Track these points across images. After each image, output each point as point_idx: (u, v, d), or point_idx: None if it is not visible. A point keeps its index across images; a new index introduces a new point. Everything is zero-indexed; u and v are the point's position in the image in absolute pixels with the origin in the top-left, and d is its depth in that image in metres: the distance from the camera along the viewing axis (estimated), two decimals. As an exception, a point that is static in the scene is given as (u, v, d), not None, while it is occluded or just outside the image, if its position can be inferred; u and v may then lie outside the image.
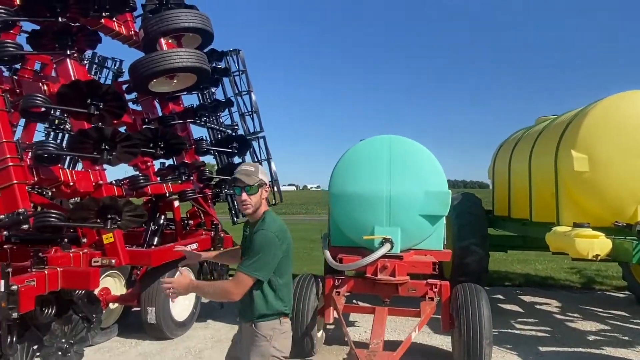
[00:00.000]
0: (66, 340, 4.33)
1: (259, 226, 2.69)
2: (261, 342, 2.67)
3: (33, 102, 4.38)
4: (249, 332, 2.72)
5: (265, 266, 2.61)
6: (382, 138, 5.45)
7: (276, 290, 2.72)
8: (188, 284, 2.64)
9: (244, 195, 2.67)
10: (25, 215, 4.06)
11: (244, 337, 2.78)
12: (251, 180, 2.66)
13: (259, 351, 2.66)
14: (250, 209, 2.70)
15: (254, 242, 2.63)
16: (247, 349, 2.71)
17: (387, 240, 5.07)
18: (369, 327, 6.22)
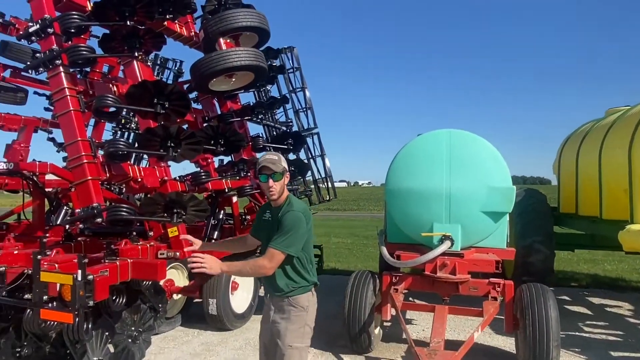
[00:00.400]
0: (135, 328, 4.55)
1: (287, 207, 2.93)
2: (299, 312, 2.95)
3: (105, 102, 4.62)
4: (284, 305, 2.96)
5: (296, 242, 2.85)
6: (441, 132, 5.31)
7: (305, 265, 3.00)
8: (218, 265, 2.81)
9: (271, 182, 2.91)
10: (99, 209, 4.30)
11: (277, 312, 2.99)
12: (277, 167, 2.91)
13: (296, 321, 2.93)
14: (276, 195, 2.95)
15: (283, 221, 2.85)
16: (283, 320, 2.94)
17: (447, 238, 4.95)
18: (428, 325, 6.13)
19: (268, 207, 3.13)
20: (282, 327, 2.94)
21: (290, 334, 2.92)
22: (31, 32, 4.60)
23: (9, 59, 7.72)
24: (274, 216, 2.99)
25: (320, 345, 5.48)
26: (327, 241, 14.90)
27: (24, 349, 3.95)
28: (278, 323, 2.97)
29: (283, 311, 2.97)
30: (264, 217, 3.13)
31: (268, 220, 3.06)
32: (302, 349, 2.95)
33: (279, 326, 2.96)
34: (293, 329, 2.93)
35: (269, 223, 3.04)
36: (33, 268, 3.69)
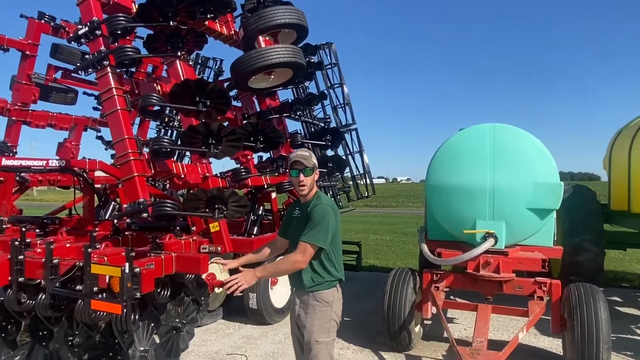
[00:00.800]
0: (179, 320, 4.68)
1: (316, 201, 3.00)
2: (323, 307, 2.96)
3: (150, 101, 4.76)
4: (309, 300, 2.98)
5: (326, 235, 2.89)
6: (485, 127, 5.16)
7: (332, 260, 3.01)
8: (253, 275, 2.92)
9: (302, 177, 2.97)
10: (144, 205, 4.44)
11: (303, 306, 3.02)
12: (308, 163, 2.98)
13: (321, 316, 2.95)
14: (306, 190, 3.01)
15: (313, 215, 2.91)
16: (308, 315, 2.97)
17: (491, 235, 4.82)
18: (470, 324, 6.00)
19: (297, 204, 3.20)
20: (308, 323, 2.97)
21: (316, 330, 2.95)
22: (80, 34, 4.79)
23: (60, 61, 8.10)
24: (303, 212, 3.05)
25: (360, 342, 5.47)
26: (366, 238, 14.84)
27: (75, 338, 4.13)
28: (303, 318, 3.01)
29: (307, 306, 3.00)
30: (293, 214, 3.19)
31: (297, 217, 3.12)
32: (328, 343, 2.98)
33: (305, 321, 2.99)
34: (318, 324, 2.95)
35: (298, 219, 3.09)
36: (84, 261, 3.86)
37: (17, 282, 4.18)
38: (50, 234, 5.59)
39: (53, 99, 8.32)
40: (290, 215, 3.24)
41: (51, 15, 7.60)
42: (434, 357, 5.11)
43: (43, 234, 5.61)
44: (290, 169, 3.04)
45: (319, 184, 7.80)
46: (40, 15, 7.47)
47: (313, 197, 3.06)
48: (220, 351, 5.27)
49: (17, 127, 7.71)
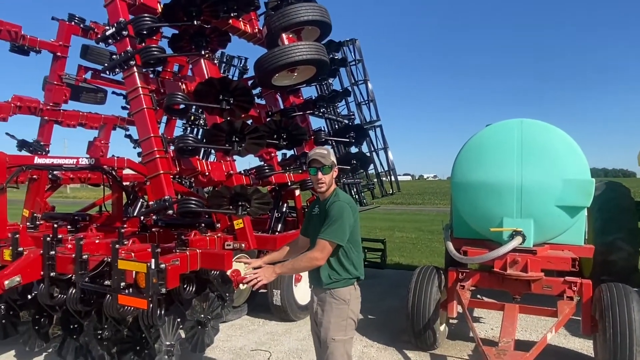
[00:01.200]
0: (204, 315, 4.75)
1: (334, 199, 3.01)
2: (340, 305, 2.96)
3: (175, 99, 4.83)
4: (326, 298, 2.99)
5: (344, 232, 2.89)
6: (512, 122, 5.04)
7: (350, 257, 3.01)
8: (272, 271, 2.91)
9: (320, 175, 3.00)
10: (170, 202, 4.51)
11: (320, 304, 3.04)
12: (326, 161, 3.00)
13: (338, 314, 2.95)
14: (324, 187, 3.03)
15: (330, 212, 2.93)
16: (325, 313, 2.98)
17: (518, 233, 4.71)
18: (496, 324, 5.89)
19: (317, 203, 3.23)
20: (324, 320, 2.98)
21: (333, 327, 2.94)
22: (108, 35, 4.89)
23: (89, 61, 8.31)
24: (322, 209, 3.07)
25: (384, 340, 5.44)
26: (391, 235, 14.74)
27: (104, 332, 4.25)
28: (320, 315, 3.03)
29: (324, 303, 3.01)
30: (313, 212, 3.21)
31: (317, 215, 3.13)
32: (345, 341, 2.97)
33: (321, 318, 3.01)
34: (335, 321, 2.95)
35: (318, 217, 3.11)
36: (112, 256, 3.95)
37: (49, 276, 4.31)
38: (80, 230, 5.75)
39: (83, 98, 8.55)
40: (311, 213, 3.26)
41: (81, 17, 7.80)
42: (459, 356, 5.03)
43: (74, 230, 5.78)
44: (309, 167, 3.07)
45: (342, 181, 7.82)
46: (70, 17, 7.68)
47: (331, 194, 3.07)
48: (245, 347, 5.32)
49: (49, 126, 7.95)
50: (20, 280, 4.23)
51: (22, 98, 7.67)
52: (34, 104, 7.70)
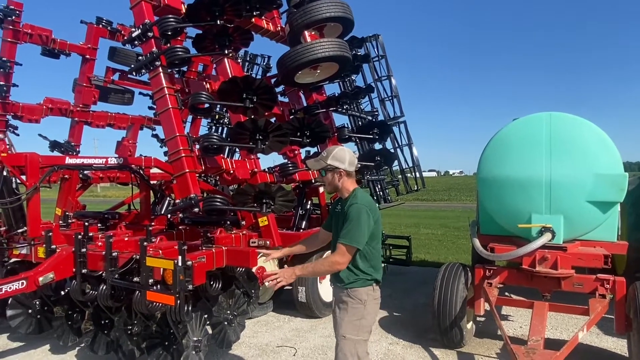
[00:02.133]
0: (231, 312, 4.82)
1: (352, 200, 3.00)
2: (356, 304, 2.96)
3: (199, 99, 4.89)
4: (344, 297, 3.00)
5: (362, 235, 2.88)
6: (540, 115, 4.91)
7: (369, 259, 3.00)
8: (292, 273, 2.92)
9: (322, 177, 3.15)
10: (196, 200, 4.58)
11: (338, 302, 3.07)
12: (317, 165, 3.11)
13: (353, 312, 2.95)
14: (328, 188, 3.18)
15: (349, 215, 2.92)
16: (341, 311, 3.01)
17: (548, 230, 4.59)
18: (525, 322, 5.78)
19: (340, 201, 3.23)
20: (339, 317, 3.02)
21: (346, 325, 2.96)
22: (134, 37, 4.99)
23: (117, 63, 8.51)
24: (343, 209, 3.08)
25: (410, 338, 5.40)
26: (416, 232, 14.61)
27: (134, 327, 4.35)
28: (337, 313, 3.06)
29: (342, 302, 3.03)
30: (336, 210, 3.22)
31: (339, 212, 3.14)
32: (356, 342, 2.94)
33: (337, 316, 3.05)
34: (348, 320, 2.96)
35: (339, 215, 3.12)
36: (140, 253, 4.04)
37: (81, 273, 4.45)
38: (110, 228, 5.90)
39: (111, 99, 8.76)
40: (334, 210, 3.27)
41: (108, 19, 7.98)
42: (486, 355, 4.95)
43: (104, 228, 5.93)
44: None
45: (367, 178, 7.78)
46: (98, 20, 7.86)
47: (351, 195, 3.08)
48: (271, 343, 5.37)
49: (79, 127, 8.17)
50: (54, 276, 4.38)
51: (53, 100, 7.91)
52: (65, 105, 7.93)
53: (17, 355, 4.92)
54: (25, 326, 4.98)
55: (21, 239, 4.94)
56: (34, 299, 4.98)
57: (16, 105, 7.51)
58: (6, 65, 7.20)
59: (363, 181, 7.76)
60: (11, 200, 4.75)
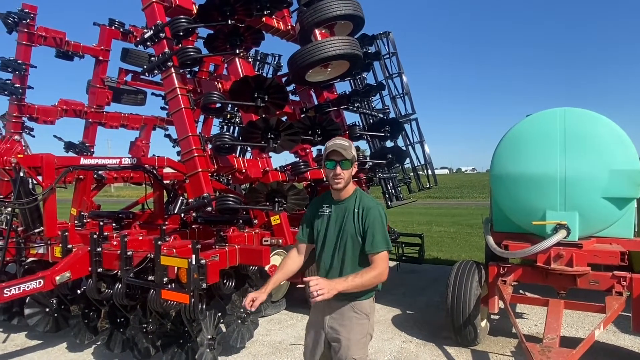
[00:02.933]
0: (244, 310, 4.85)
1: (368, 203, 2.62)
2: (362, 320, 2.62)
3: (211, 98, 4.93)
4: (346, 311, 2.61)
5: (389, 237, 2.62)
6: (554, 111, 4.85)
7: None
8: (333, 287, 2.37)
9: (338, 169, 2.57)
10: (209, 199, 4.62)
11: (336, 317, 2.62)
12: (347, 154, 2.57)
13: (359, 330, 2.61)
14: (342, 184, 2.59)
15: (372, 218, 2.56)
16: (344, 328, 2.60)
17: (562, 226, 4.54)
18: (540, 320, 5.72)
19: (326, 202, 2.74)
20: (343, 337, 2.59)
21: (354, 346, 2.58)
22: (146, 38, 5.04)
23: (129, 64, 8.61)
24: (340, 211, 2.65)
25: (423, 336, 5.38)
26: (429, 230, 14.53)
27: (149, 325, 4.40)
28: (338, 331, 2.62)
29: (343, 317, 2.61)
30: (320, 213, 2.73)
31: (328, 216, 2.69)
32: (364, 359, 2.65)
33: (339, 335, 2.61)
34: (356, 339, 2.59)
35: (331, 219, 2.67)
36: (154, 252, 4.09)
37: (97, 272, 4.51)
38: (125, 227, 5.97)
39: (124, 100, 8.87)
40: (315, 214, 2.76)
41: (120, 21, 8.06)
42: (501, 353, 4.92)
43: (118, 227, 6.00)
44: (326, 160, 2.61)
45: (378, 176, 7.76)
46: (110, 22, 7.95)
47: (352, 194, 2.67)
48: (284, 341, 5.39)
49: (93, 128, 8.29)
50: (70, 275, 4.44)
51: (67, 102, 8.03)
52: (79, 107, 8.05)
53: (36, 353, 5.01)
54: (43, 324, 5.07)
55: (38, 239, 5.02)
56: (51, 298, 5.07)
57: (32, 107, 7.65)
58: (21, 68, 7.33)
59: (375, 179, 7.75)
60: (28, 201, 4.83)
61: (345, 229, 2.62)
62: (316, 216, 2.76)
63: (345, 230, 2.61)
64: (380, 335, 5.38)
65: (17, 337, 5.46)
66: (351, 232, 2.60)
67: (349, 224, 2.61)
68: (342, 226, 2.63)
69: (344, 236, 2.62)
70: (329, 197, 2.75)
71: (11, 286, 4.10)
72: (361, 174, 7.27)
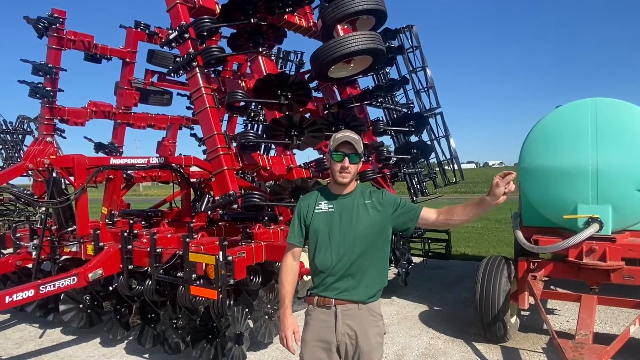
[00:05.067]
0: (271, 306, 4.89)
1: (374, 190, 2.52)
2: (378, 322, 2.48)
3: (235, 97, 4.98)
4: (362, 315, 2.42)
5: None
6: (584, 102, 4.71)
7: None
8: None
9: (347, 162, 2.39)
10: (235, 196, 4.67)
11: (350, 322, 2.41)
12: (358, 148, 2.41)
13: (377, 332, 2.47)
14: (348, 178, 2.42)
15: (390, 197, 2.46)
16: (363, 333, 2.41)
17: (595, 220, 4.41)
18: (572, 316, 5.59)
19: (322, 198, 2.51)
20: (363, 343, 2.40)
21: (375, 349, 2.43)
22: (171, 39, 5.13)
23: (155, 65, 8.77)
24: (346, 206, 2.44)
25: (451, 332, 5.32)
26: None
27: (179, 321, 4.49)
28: (353, 336, 2.40)
29: (359, 322, 2.41)
30: (318, 210, 2.48)
31: (331, 213, 2.45)
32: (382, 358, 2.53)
33: (358, 340, 2.40)
34: (375, 341, 2.44)
35: (334, 215, 2.44)
36: (183, 249, 4.16)
37: (128, 269, 4.62)
38: (153, 225, 6.10)
39: (151, 101, 9.05)
40: (312, 212, 2.50)
41: (146, 23, 8.21)
42: (532, 349, 4.82)
43: (148, 225, 6.13)
44: (334, 151, 2.42)
45: (403, 171, 7.69)
46: (136, 24, 8.11)
47: (355, 189, 2.51)
48: (311, 337, 5.41)
49: (122, 129, 8.48)
50: (102, 273, 4.57)
51: (97, 103, 8.24)
52: (108, 108, 8.24)
53: (71, 347, 5.17)
54: (77, 320, 5.23)
55: (71, 237, 5.18)
56: (85, 295, 5.22)
57: (62, 109, 7.87)
58: (52, 72, 7.55)
59: (400, 174, 7.69)
60: (61, 200, 4.97)
61: (359, 223, 2.40)
62: (312, 215, 2.49)
63: (361, 224, 2.40)
64: (407, 332, 5.35)
65: (53, 332, 5.65)
66: (369, 224, 2.40)
67: (362, 217, 2.41)
68: (352, 221, 2.41)
69: (359, 230, 2.39)
70: (325, 192, 2.54)
71: (46, 283, 4.24)
72: (386, 170, 7.22)
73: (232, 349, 4.10)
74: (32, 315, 5.86)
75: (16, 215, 12.84)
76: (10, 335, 5.60)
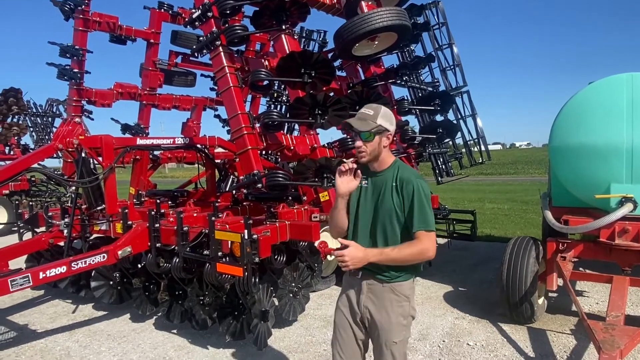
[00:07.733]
0: (295, 284, 4.94)
1: (408, 175, 2.35)
2: (402, 302, 2.43)
3: (258, 76, 4.96)
4: (385, 293, 2.41)
5: (431, 215, 2.34)
6: (620, 77, 4.51)
7: None
8: (364, 257, 2.24)
9: (359, 142, 2.33)
10: (259, 176, 4.69)
11: (373, 299, 2.43)
12: (365, 125, 2.30)
13: (400, 312, 2.42)
14: (366, 157, 2.34)
15: (415, 195, 2.30)
16: (383, 310, 2.42)
17: (629, 200, 4.26)
18: (602, 298, 5.47)
19: (364, 173, 2.44)
20: (383, 320, 2.41)
21: (395, 329, 2.41)
22: (194, 18, 5.11)
23: (179, 46, 8.79)
24: (377, 185, 2.41)
25: (476, 313, 5.27)
26: (481, 207, 14.13)
27: (205, 298, 4.57)
28: (376, 314, 2.43)
29: (382, 299, 2.42)
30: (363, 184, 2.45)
31: (365, 189, 2.43)
32: (405, 341, 2.50)
33: (378, 318, 2.43)
34: (397, 322, 2.41)
35: (367, 192, 2.43)
36: (209, 228, 4.21)
37: (155, 247, 4.71)
38: (180, 205, 6.19)
39: (175, 82, 9.11)
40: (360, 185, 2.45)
41: (169, 3, 8.22)
42: (559, 331, 4.74)
43: (174, 205, 6.23)
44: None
45: (428, 151, 7.58)
46: (160, 5, 8.12)
47: (390, 166, 2.41)
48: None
49: (147, 110, 8.58)
50: (131, 250, 4.67)
51: (123, 85, 8.34)
52: (134, 89, 8.34)
53: (102, 322, 5.34)
54: (108, 296, 5.39)
55: (100, 216, 5.30)
56: (115, 272, 5.36)
57: (90, 91, 8.00)
58: (79, 53, 7.66)
59: (425, 154, 7.58)
60: (90, 180, 5.08)
61: (382, 204, 2.36)
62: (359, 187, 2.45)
63: (383, 206, 2.36)
64: (432, 312, 5.33)
65: (85, 308, 5.85)
66: (389, 208, 2.34)
67: (387, 198, 2.35)
68: (378, 201, 2.38)
69: (380, 212, 2.36)
70: (367, 167, 2.47)
71: (78, 260, 4.36)
72: (410, 149, 7.13)
73: (257, 325, 4.16)
74: (65, 291, 6.07)
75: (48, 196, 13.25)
76: (45, 310, 5.82)
